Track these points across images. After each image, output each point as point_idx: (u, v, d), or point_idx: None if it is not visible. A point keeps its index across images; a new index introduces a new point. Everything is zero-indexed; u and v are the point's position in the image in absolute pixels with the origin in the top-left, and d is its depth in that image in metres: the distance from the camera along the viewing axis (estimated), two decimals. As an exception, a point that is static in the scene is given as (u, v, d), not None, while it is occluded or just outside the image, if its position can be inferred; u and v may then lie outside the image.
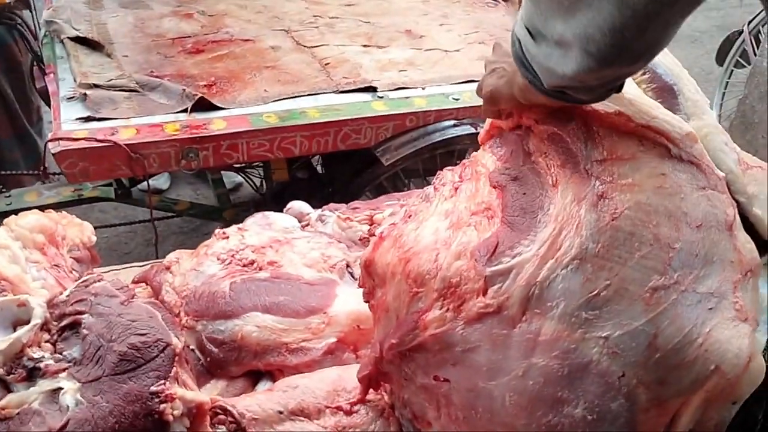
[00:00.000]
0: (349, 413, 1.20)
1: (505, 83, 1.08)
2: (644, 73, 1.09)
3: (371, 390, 1.21)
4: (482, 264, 0.99)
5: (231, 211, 2.66)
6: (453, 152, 2.29)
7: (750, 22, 4.02)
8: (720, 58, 4.32)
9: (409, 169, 2.26)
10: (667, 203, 0.99)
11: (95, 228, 1.55)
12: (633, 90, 1.04)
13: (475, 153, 1.21)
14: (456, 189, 1.14)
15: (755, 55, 3.65)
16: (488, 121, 1.21)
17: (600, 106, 1.04)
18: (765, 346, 0.97)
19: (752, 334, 0.94)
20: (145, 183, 2.72)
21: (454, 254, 1.02)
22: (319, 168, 2.61)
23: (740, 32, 4.14)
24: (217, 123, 1.98)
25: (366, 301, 1.18)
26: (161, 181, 3.57)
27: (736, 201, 1.04)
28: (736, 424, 0.98)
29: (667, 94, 1.09)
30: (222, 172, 3.06)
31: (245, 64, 2.34)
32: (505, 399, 0.97)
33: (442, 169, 2.13)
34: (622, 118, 1.03)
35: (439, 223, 1.08)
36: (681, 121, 1.03)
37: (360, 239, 1.56)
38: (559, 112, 1.08)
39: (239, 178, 3.43)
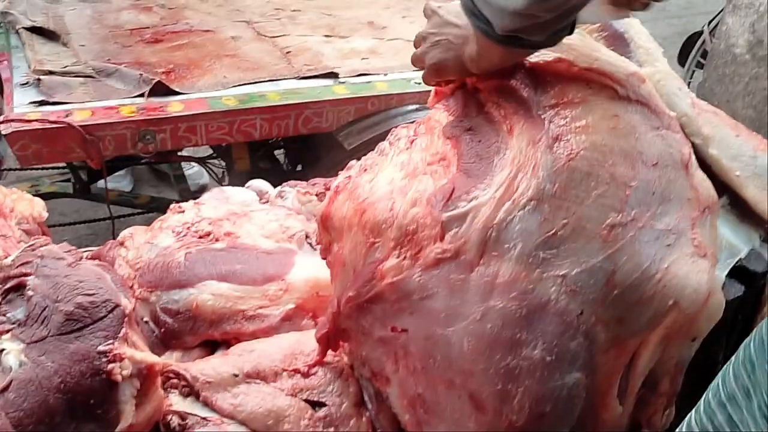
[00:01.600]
0: (306, 375, 1.17)
1: (453, 56, 1.07)
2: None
3: (330, 351, 1.18)
4: (438, 209, 0.98)
5: (191, 204, 2.61)
6: (416, 137, 2.27)
7: (710, 23, 4.09)
8: (681, 59, 4.38)
9: (372, 155, 2.23)
10: (623, 143, 0.98)
11: (53, 227, 1.51)
12: (573, 35, 1.03)
13: (428, 113, 1.19)
14: (411, 142, 1.12)
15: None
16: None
17: (539, 57, 1.03)
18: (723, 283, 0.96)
19: (711, 269, 0.94)
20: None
21: (410, 202, 1.00)
22: (281, 158, 2.58)
23: (700, 33, 4.20)
24: (174, 105, 1.94)
25: (323, 258, 1.16)
26: (124, 183, 3.50)
27: (692, 143, 1.03)
28: (696, 364, 0.96)
29: (618, 42, 1.09)
30: (186, 174, 3.02)
31: (205, 53, 2.30)
32: (463, 344, 0.95)
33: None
34: (564, 64, 1.02)
35: (394, 174, 1.06)
36: (626, 62, 1.02)
37: (318, 192, 1.54)
38: (503, 69, 1.07)
39: (203, 180, 3.38)
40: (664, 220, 0.95)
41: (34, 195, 2.48)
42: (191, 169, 3.12)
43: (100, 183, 2.66)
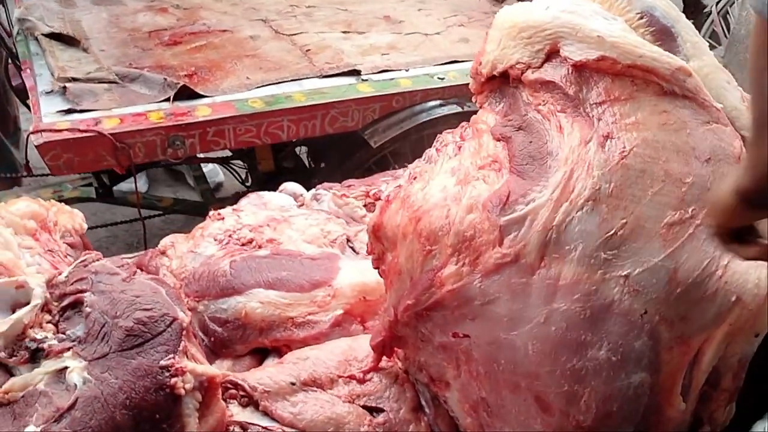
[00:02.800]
0: (362, 381, 1.18)
1: None
2: (642, 17, 1.08)
3: (384, 357, 1.19)
4: (496, 214, 0.98)
5: (217, 206, 2.61)
6: (440, 132, 2.27)
7: (718, 3, 4.07)
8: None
9: (397, 153, 2.23)
10: (674, 139, 0.98)
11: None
12: (617, 32, 1.03)
13: (474, 116, 1.19)
14: (459, 147, 1.12)
15: (725, 35, 3.68)
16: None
17: (581, 55, 1.03)
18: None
19: (770, 264, 0.94)
20: (124, 183, 2.69)
21: (465, 208, 1.01)
22: (304, 157, 2.58)
23: (709, 13, 4.19)
24: (202, 110, 1.95)
25: (375, 267, 1.16)
26: (140, 183, 3.51)
27: (742, 136, 1.03)
28: (756, 359, 0.97)
29: (666, 36, 1.08)
30: (204, 170, 3.02)
31: (225, 54, 2.30)
32: (528, 348, 0.96)
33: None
34: (607, 62, 1.02)
35: (446, 181, 1.06)
36: (671, 56, 1.01)
37: (364, 216, 1.54)
38: (546, 65, 1.07)
39: (219, 178, 3.38)
40: (722, 216, 0.95)
41: (57, 200, 2.53)
42: (207, 167, 3.13)
43: (122, 186, 2.68)
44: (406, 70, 2.27)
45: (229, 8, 2.68)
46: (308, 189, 1.73)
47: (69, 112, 1.89)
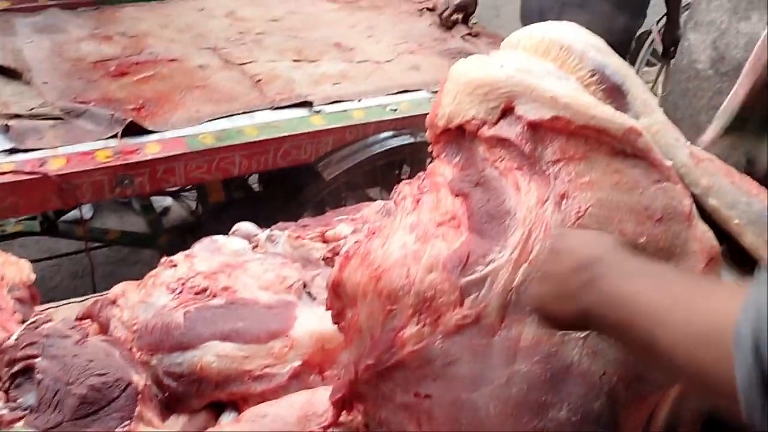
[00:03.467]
0: (323, 437, 1.17)
1: None
2: (593, 75, 1.10)
3: (344, 411, 1.18)
4: (456, 275, 0.99)
5: (165, 237, 2.58)
6: (393, 163, 2.28)
7: (658, 22, 4.19)
8: (632, 58, 4.49)
9: (350, 183, 2.23)
10: (627, 198, 1.00)
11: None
12: (570, 91, 1.05)
13: (431, 164, 1.20)
14: (417, 201, 1.13)
15: (665, 55, 3.80)
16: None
17: (536, 114, 1.04)
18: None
19: (721, 322, 0.97)
20: (70, 213, 2.62)
21: (425, 267, 1.01)
22: (256, 186, 2.55)
23: (649, 32, 4.31)
24: (151, 147, 1.91)
25: (335, 323, 1.15)
26: (84, 210, 3.42)
27: (692, 193, 1.06)
28: (709, 413, 1.00)
29: (616, 94, 1.10)
30: (151, 196, 2.97)
31: (173, 85, 2.27)
32: (489, 408, 0.96)
33: (383, 181, 2.12)
34: (561, 122, 1.03)
35: (405, 237, 1.07)
36: (622, 116, 1.04)
37: (320, 260, 1.53)
38: (501, 122, 1.08)
39: (168, 201, 3.32)
40: (675, 275, 0.98)
41: (0, 236, 2.45)
42: (153, 192, 3.06)
43: (67, 215, 2.61)
44: (359, 101, 2.27)
45: (176, 35, 2.63)
46: (261, 219, 1.72)
47: (12, 151, 1.83)
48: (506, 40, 1.21)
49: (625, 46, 3.01)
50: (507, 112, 1.08)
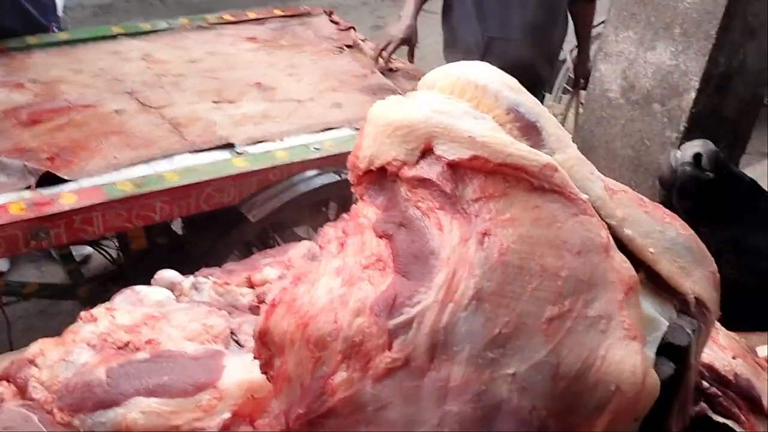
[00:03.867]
0: (256, 491, 1.13)
1: None
2: (508, 113, 1.13)
3: (277, 462, 1.15)
4: (384, 318, 0.98)
5: (86, 287, 2.48)
6: (320, 202, 2.28)
7: (572, 51, 4.36)
8: (549, 87, 4.65)
9: (277, 224, 2.21)
10: (547, 233, 1.02)
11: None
12: (486, 131, 1.07)
13: (354, 206, 1.20)
14: (342, 244, 1.12)
15: (575, 85, 3.95)
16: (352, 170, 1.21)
17: (454, 154, 1.06)
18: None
19: (642, 350, 0.99)
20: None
21: (353, 312, 1.00)
22: (180, 230, 2.50)
23: (564, 61, 4.48)
24: (67, 197, 1.85)
25: (263, 373, 1.13)
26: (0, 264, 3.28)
27: (607, 224, 1.09)
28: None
29: (531, 131, 1.13)
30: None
31: (89, 132, 2.21)
32: (423, 451, 0.96)
33: (311, 220, 2.11)
34: (479, 161, 1.05)
35: (331, 282, 1.06)
36: (537, 153, 1.07)
37: (247, 306, 1.50)
38: (421, 162, 1.10)
39: (88, 249, 3.22)
40: (595, 306, 1.00)
41: None
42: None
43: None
44: (281, 140, 2.27)
45: (90, 80, 2.57)
46: (186, 264, 1.68)
47: None
48: (423, 79, 1.23)
49: (548, 71, 3.13)
50: (427, 152, 1.09)
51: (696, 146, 1.93)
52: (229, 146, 2.17)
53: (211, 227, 2.24)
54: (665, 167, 1.97)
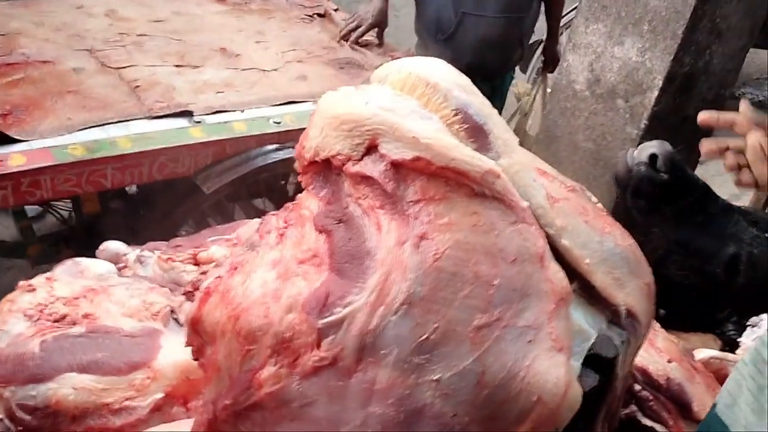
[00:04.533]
0: (182, 475, 1.14)
1: None
2: (457, 114, 1.12)
3: (205, 446, 1.16)
4: (314, 316, 0.98)
5: (36, 246, 2.44)
6: (277, 176, 2.26)
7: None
8: (524, 67, 4.64)
9: (233, 196, 2.19)
10: (484, 240, 1.03)
11: None
12: (432, 132, 1.06)
13: (299, 195, 1.19)
14: (281, 235, 1.11)
15: (544, 69, 3.95)
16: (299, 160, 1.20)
17: (398, 154, 1.05)
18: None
19: (567, 362, 1.01)
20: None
21: (284, 307, 1.00)
22: (134, 195, 2.46)
23: (540, 42, 4.48)
24: (15, 158, 1.80)
25: (195, 359, 1.13)
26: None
27: (546, 233, 1.10)
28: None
29: (478, 134, 1.12)
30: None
31: (45, 89, 2.15)
32: (345, 450, 0.97)
33: (268, 192, 2.09)
34: (422, 162, 1.05)
35: (266, 275, 1.05)
36: (481, 159, 1.06)
37: (186, 282, 1.49)
38: (366, 158, 1.09)
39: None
40: (525, 316, 1.01)
41: None
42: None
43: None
44: (241, 111, 2.23)
45: (51, 34, 2.50)
46: (138, 231, 1.66)
47: None
48: (375, 72, 1.21)
49: (518, 52, 3.12)
50: (371, 149, 1.09)
51: (652, 147, 1.94)
52: (187, 114, 2.13)
53: (166, 195, 2.21)
54: (621, 166, 1.98)
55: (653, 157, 1.93)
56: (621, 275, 1.17)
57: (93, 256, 1.58)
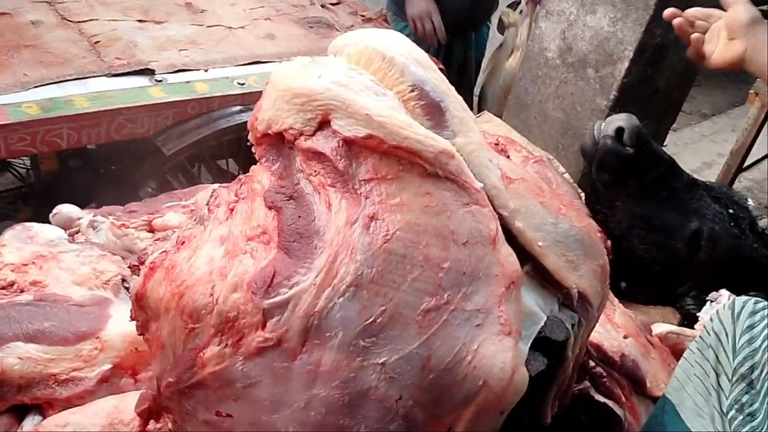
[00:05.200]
0: (128, 448, 1.13)
1: None
2: (413, 90, 1.09)
3: (152, 421, 1.15)
4: (260, 296, 0.96)
5: (-8, 204, 2.39)
6: (242, 138, 2.21)
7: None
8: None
9: (195, 157, 2.15)
10: (435, 222, 1.01)
11: None
12: (385, 110, 1.03)
13: (252, 167, 1.16)
14: (231, 210, 1.09)
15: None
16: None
17: (350, 131, 1.03)
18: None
19: (515, 346, 1.00)
20: None
21: (230, 286, 0.98)
22: (93, 153, 2.40)
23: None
24: (-34, 116, 1.75)
25: (140, 334, 1.11)
26: None
27: (499, 215, 1.09)
28: (504, 429, 1.04)
29: (434, 111, 1.10)
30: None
31: (1, 43, 2.07)
32: (288, 431, 0.96)
33: (231, 153, 2.04)
34: (374, 141, 1.02)
35: (213, 251, 1.03)
36: (435, 138, 1.04)
37: (139, 250, 1.46)
38: (318, 134, 1.06)
39: None
40: (474, 299, 1.00)
41: None
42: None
43: None
44: (205, 70, 2.17)
45: (8, -16, 2.40)
46: (97, 191, 1.62)
47: None
48: (333, 43, 1.18)
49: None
50: (324, 125, 1.06)
51: (619, 120, 1.93)
52: (148, 72, 2.07)
53: (126, 154, 2.16)
54: (588, 138, 1.97)
55: (620, 131, 1.93)
56: (575, 257, 1.16)
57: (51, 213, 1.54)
